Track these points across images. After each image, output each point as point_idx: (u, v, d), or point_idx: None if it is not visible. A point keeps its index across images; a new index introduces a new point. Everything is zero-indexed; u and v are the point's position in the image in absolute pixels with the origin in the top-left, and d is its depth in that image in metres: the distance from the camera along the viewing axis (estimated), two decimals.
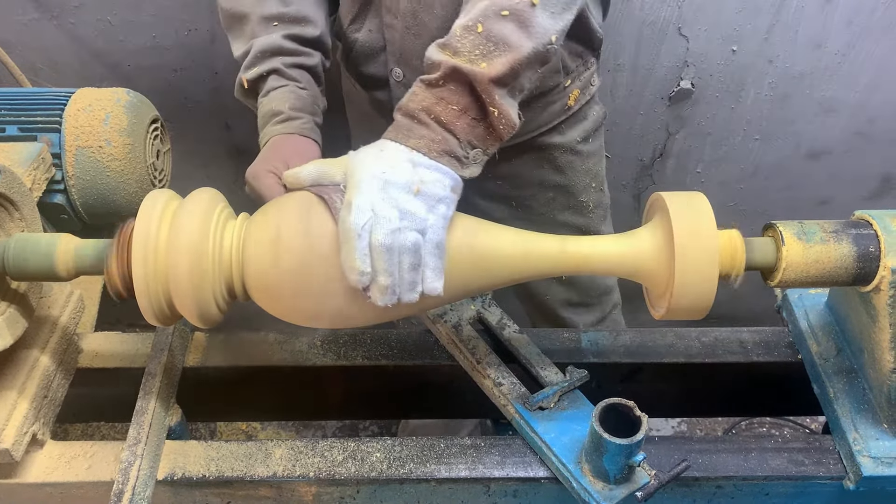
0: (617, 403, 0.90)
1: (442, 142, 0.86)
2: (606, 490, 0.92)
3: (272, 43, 1.15)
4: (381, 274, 0.81)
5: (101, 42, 1.67)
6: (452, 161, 0.87)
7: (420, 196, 0.83)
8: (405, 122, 0.88)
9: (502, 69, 0.86)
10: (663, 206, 0.89)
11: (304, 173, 0.89)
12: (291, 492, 1.01)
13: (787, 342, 1.17)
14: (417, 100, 0.88)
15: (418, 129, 0.87)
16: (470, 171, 0.89)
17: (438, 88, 0.88)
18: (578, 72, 1.32)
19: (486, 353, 1.10)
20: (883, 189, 1.99)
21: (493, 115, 0.88)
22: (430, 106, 0.87)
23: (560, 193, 1.41)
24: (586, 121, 1.38)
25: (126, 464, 0.95)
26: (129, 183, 1.20)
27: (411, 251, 0.81)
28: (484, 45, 0.87)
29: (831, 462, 1.00)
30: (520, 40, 0.88)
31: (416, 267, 0.82)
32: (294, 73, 1.16)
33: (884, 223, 0.91)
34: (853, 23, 1.64)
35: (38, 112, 1.18)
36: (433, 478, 0.99)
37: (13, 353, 1.00)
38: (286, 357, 1.16)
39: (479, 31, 0.87)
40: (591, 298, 1.53)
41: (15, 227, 0.96)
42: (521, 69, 0.89)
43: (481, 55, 0.87)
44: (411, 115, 0.88)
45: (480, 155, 0.90)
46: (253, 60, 1.16)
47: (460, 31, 0.88)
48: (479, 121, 0.89)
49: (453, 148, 0.87)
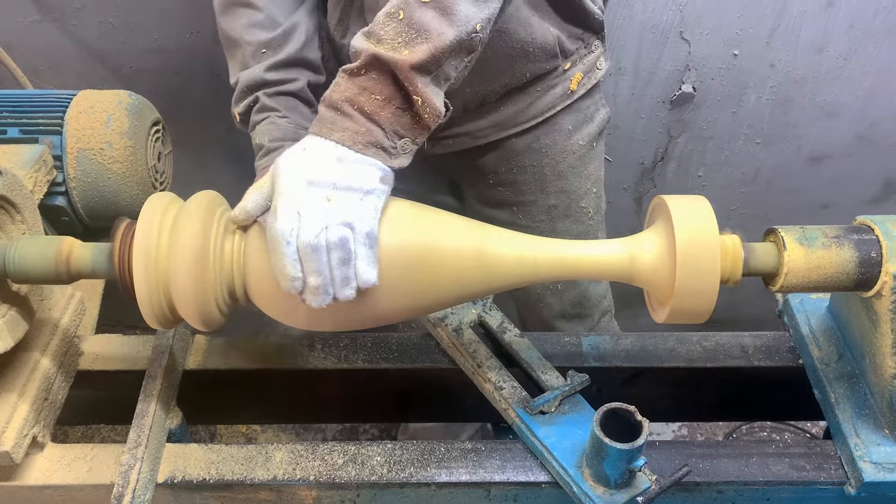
0: (618, 408, 0.90)
1: (366, 133, 0.85)
2: (607, 495, 0.92)
3: (255, 77, 1.15)
4: (311, 275, 0.81)
5: (102, 44, 1.68)
6: (379, 152, 0.85)
7: (346, 190, 0.82)
8: (328, 115, 0.86)
9: (423, 56, 0.84)
10: (665, 210, 0.89)
11: (249, 205, 0.88)
12: (292, 495, 1.01)
13: (789, 347, 1.17)
14: (340, 90, 0.86)
15: (342, 122, 0.85)
16: (399, 162, 0.87)
17: (361, 77, 0.86)
18: (580, 54, 1.30)
19: (487, 357, 1.10)
20: (885, 193, 1.99)
21: (418, 104, 0.86)
22: (353, 96, 0.85)
23: (561, 200, 1.40)
24: (592, 123, 1.37)
25: (126, 467, 0.95)
26: (131, 185, 1.20)
27: (339, 246, 0.80)
28: (406, 33, 0.85)
29: (832, 467, 1.00)
30: (441, 27, 0.85)
31: (347, 262, 0.81)
32: (271, 103, 1.15)
33: (885, 228, 0.91)
34: (855, 27, 1.64)
35: (40, 114, 1.18)
36: (433, 482, 0.99)
37: (14, 356, 0.99)
38: (287, 360, 1.16)
39: (400, 17, 0.85)
40: (585, 309, 1.53)
41: (16, 230, 0.96)
42: (444, 57, 0.86)
43: (404, 43, 0.85)
44: (334, 107, 0.86)
45: (409, 144, 0.88)
46: (239, 95, 1.17)
47: (383, 19, 0.86)
48: (404, 110, 0.86)
49: (379, 139, 0.85)
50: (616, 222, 2.02)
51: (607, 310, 1.60)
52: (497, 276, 0.91)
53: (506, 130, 1.32)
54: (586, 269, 0.92)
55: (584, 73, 1.32)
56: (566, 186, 1.39)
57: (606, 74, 1.38)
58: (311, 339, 1.18)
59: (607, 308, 1.60)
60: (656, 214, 0.94)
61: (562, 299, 1.50)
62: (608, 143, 1.85)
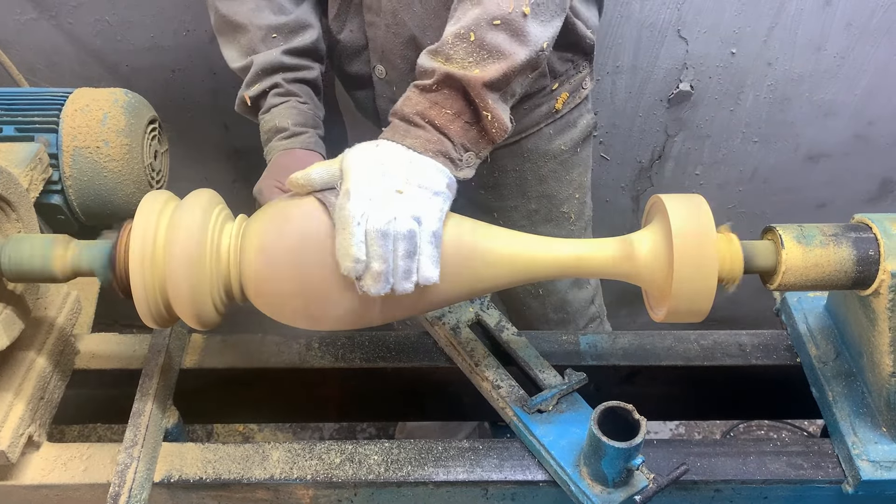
0: (615, 406, 0.90)
1: (437, 142, 0.88)
2: (605, 494, 0.92)
3: (273, 60, 1.16)
4: (375, 260, 0.80)
5: (99, 42, 1.67)
6: (447, 162, 0.89)
7: (417, 186, 0.84)
8: (401, 125, 0.89)
9: (495, 74, 0.89)
10: (662, 209, 0.89)
11: (314, 176, 0.87)
12: (289, 494, 1.00)
13: (786, 345, 1.17)
14: (412, 104, 0.90)
15: (414, 131, 0.88)
16: (463, 174, 0.91)
17: (433, 93, 0.90)
18: (568, 75, 1.31)
19: (485, 356, 1.10)
20: (882, 192, 1.99)
21: (486, 119, 0.90)
22: (424, 110, 0.89)
23: (542, 205, 1.40)
24: (575, 129, 1.37)
25: (122, 466, 0.95)
26: (127, 184, 1.19)
27: (407, 238, 0.81)
28: (477, 53, 0.89)
29: (830, 466, 1.00)
30: (512, 48, 0.90)
31: (412, 255, 0.82)
32: (294, 88, 1.17)
33: (883, 227, 0.91)
34: (852, 25, 1.64)
35: (36, 112, 1.18)
36: (431, 481, 0.99)
37: (9, 355, 0.99)
38: (284, 359, 1.16)
39: (471, 39, 0.90)
40: (567, 315, 1.53)
41: (11, 228, 0.96)
42: (514, 76, 0.91)
43: (475, 62, 0.89)
44: (406, 119, 0.89)
45: (473, 158, 0.92)
46: (254, 78, 1.17)
47: (452, 39, 0.90)
48: (472, 124, 0.91)
49: (448, 150, 0.89)
50: (613, 221, 2.03)
51: (595, 316, 1.59)
52: (495, 275, 0.91)
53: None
54: (585, 267, 0.92)
55: (569, 92, 1.34)
56: (547, 191, 1.39)
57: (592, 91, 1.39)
58: (308, 338, 1.18)
59: (595, 314, 1.59)
60: (654, 213, 0.94)
61: (543, 304, 1.50)
62: (606, 141, 1.85)
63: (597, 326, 1.60)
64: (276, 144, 1.13)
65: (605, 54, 1.68)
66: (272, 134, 1.14)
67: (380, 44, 1.22)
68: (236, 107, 1.21)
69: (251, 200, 1.12)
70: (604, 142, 1.86)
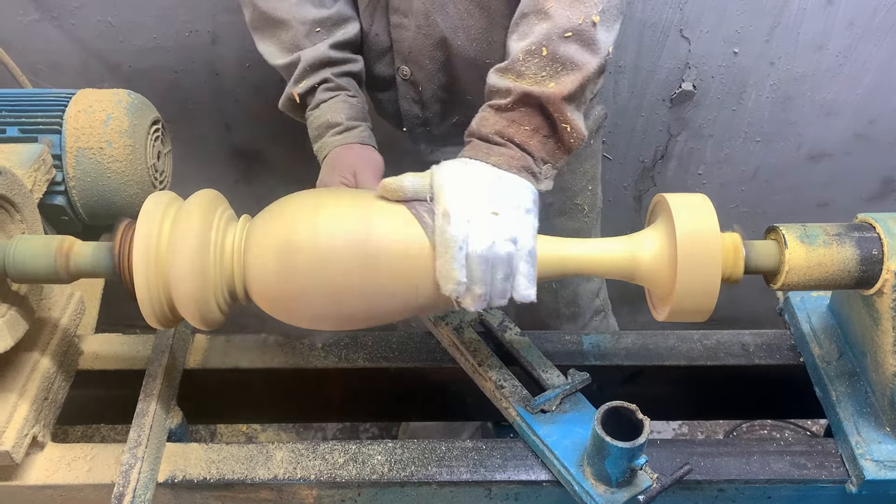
0: (619, 406, 0.90)
1: (521, 158, 0.91)
2: (609, 493, 0.92)
3: (320, 55, 1.15)
4: (476, 284, 0.84)
5: (101, 43, 1.67)
6: (530, 177, 0.91)
7: (512, 207, 0.86)
8: (482, 145, 0.92)
9: (573, 87, 0.91)
10: (666, 208, 0.89)
11: (406, 184, 0.88)
12: (292, 494, 1.00)
13: (790, 345, 1.17)
14: (489, 124, 0.93)
15: (497, 149, 0.91)
16: (543, 186, 0.94)
17: (510, 112, 0.92)
18: None
19: (488, 356, 1.10)
20: (884, 191, 1.99)
21: (565, 131, 0.93)
22: (502, 129, 0.92)
23: (557, 198, 1.40)
24: (587, 120, 1.38)
25: (127, 466, 0.95)
26: (130, 184, 1.19)
27: (505, 262, 0.84)
28: (550, 67, 0.91)
29: (834, 465, 1.00)
30: (585, 58, 0.92)
31: (509, 277, 0.85)
32: (342, 82, 1.17)
33: (887, 226, 0.91)
34: (854, 25, 1.64)
35: (39, 113, 1.18)
36: (434, 481, 0.99)
37: (14, 355, 0.99)
38: (287, 359, 1.16)
39: (543, 54, 0.91)
40: (578, 308, 1.53)
41: (16, 229, 0.96)
42: (588, 84, 0.93)
43: (548, 76, 0.91)
44: (486, 139, 0.92)
45: (551, 170, 0.95)
46: (302, 73, 1.16)
47: (523, 56, 0.92)
48: (549, 137, 0.93)
49: (530, 165, 0.92)
50: (616, 221, 2.03)
51: (600, 309, 1.59)
52: None
53: None
54: (588, 266, 0.92)
55: None
56: (562, 183, 1.39)
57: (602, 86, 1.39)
58: (311, 339, 1.18)
59: (600, 307, 1.59)
60: (657, 212, 0.94)
61: (556, 297, 1.50)
62: (609, 140, 1.85)
63: (602, 320, 1.60)
64: (331, 140, 1.13)
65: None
66: (324, 129, 1.14)
67: (407, 45, 1.21)
68: (280, 105, 1.20)
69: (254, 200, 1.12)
70: (606, 141, 1.86)
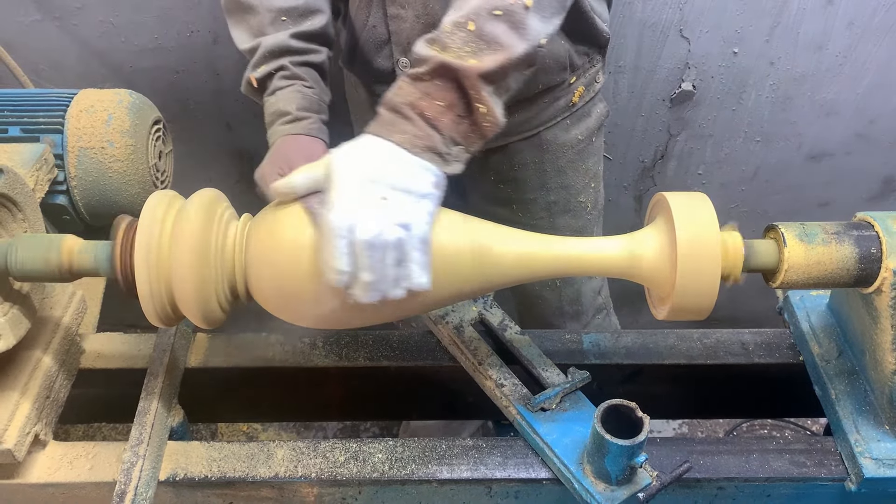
0: (619, 404, 0.90)
1: (425, 138, 0.86)
2: (608, 491, 0.92)
3: (280, 43, 1.14)
4: (363, 271, 0.82)
5: (103, 43, 1.68)
6: (435, 157, 0.87)
7: (403, 192, 0.83)
8: (389, 117, 0.88)
9: (493, 66, 0.87)
10: (666, 207, 0.89)
11: (297, 182, 0.88)
12: (293, 493, 1.01)
13: (789, 344, 1.17)
14: (403, 94, 0.88)
15: (402, 124, 0.87)
16: (452, 168, 0.89)
17: (424, 83, 0.87)
18: (584, 69, 1.33)
19: (488, 355, 1.10)
20: (884, 191, 1.99)
21: (479, 112, 0.88)
22: (415, 101, 0.87)
23: (561, 196, 1.41)
24: (590, 118, 1.39)
25: (128, 464, 0.95)
26: (132, 184, 1.20)
27: (395, 247, 0.81)
28: (475, 43, 0.87)
29: (833, 464, 1.00)
30: (511, 41, 0.88)
31: (401, 262, 0.82)
32: (300, 72, 1.15)
33: (885, 225, 0.92)
34: (854, 24, 1.64)
35: (41, 113, 1.18)
36: (435, 479, 0.99)
37: (16, 354, 1.00)
38: (288, 358, 1.16)
39: (470, 28, 0.87)
40: (581, 306, 1.53)
41: (18, 228, 0.97)
42: (511, 69, 0.89)
43: (471, 52, 0.87)
44: (395, 110, 0.88)
45: (463, 153, 0.90)
46: (261, 59, 1.15)
47: (450, 27, 0.88)
48: (463, 118, 0.88)
49: (436, 144, 0.87)
50: (616, 220, 2.03)
51: (602, 307, 1.60)
52: (498, 274, 0.92)
53: (509, 137, 1.34)
54: (587, 265, 0.92)
55: (585, 86, 1.35)
56: (566, 182, 1.40)
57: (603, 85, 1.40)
58: (312, 337, 1.18)
59: (602, 305, 1.60)
60: (657, 211, 0.94)
61: (560, 296, 1.50)
62: (608, 140, 1.85)
63: (604, 318, 1.60)
64: (279, 129, 1.12)
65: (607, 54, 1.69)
66: (275, 117, 1.13)
67: (405, 36, 1.21)
68: (242, 87, 1.20)
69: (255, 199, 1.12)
70: (607, 141, 1.86)
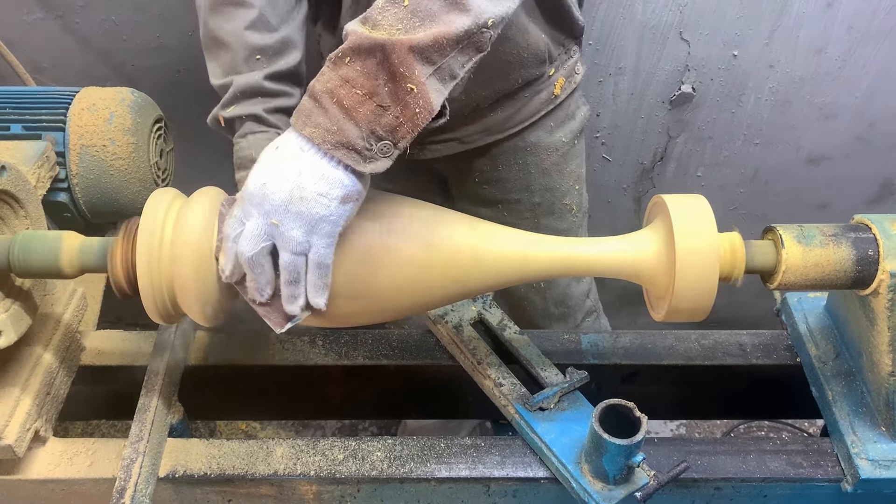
0: (617, 404, 0.91)
1: (337, 133, 0.78)
2: (606, 490, 0.93)
3: (253, 83, 1.10)
4: (249, 280, 0.85)
5: (105, 42, 1.68)
6: (350, 154, 0.79)
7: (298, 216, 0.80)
8: (307, 106, 0.81)
9: (425, 39, 0.77)
10: (664, 208, 0.90)
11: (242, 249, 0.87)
12: (292, 490, 1.01)
13: (786, 345, 1.18)
14: (323, 80, 0.80)
15: (316, 116, 0.79)
16: (373, 167, 0.80)
17: (346, 67, 0.78)
18: (561, 60, 1.32)
19: (487, 354, 1.11)
20: (882, 194, 1.99)
21: (411, 93, 0.78)
22: (333, 88, 0.79)
23: (545, 198, 1.41)
24: (574, 120, 1.39)
25: (128, 461, 0.96)
26: (133, 182, 1.20)
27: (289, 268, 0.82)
28: (409, 20, 0.78)
29: (829, 465, 1.00)
30: (449, 17, 0.79)
31: (296, 282, 0.83)
32: (274, 119, 1.12)
33: (883, 227, 0.92)
34: (853, 28, 1.65)
35: (43, 111, 1.19)
36: (433, 477, 1.00)
37: (17, 350, 1.00)
38: (287, 356, 1.17)
39: (404, 4, 0.79)
40: (568, 308, 1.54)
41: (20, 225, 0.97)
42: (449, 47, 0.79)
43: (404, 30, 0.78)
44: (314, 98, 0.80)
45: (390, 148, 0.80)
46: (231, 99, 1.12)
47: (383, 3, 0.80)
48: (386, 108, 0.78)
49: (351, 140, 0.78)
50: (615, 222, 2.03)
51: (592, 310, 1.60)
52: (497, 274, 0.92)
53: (493, 135, 1.33)
54: (586, 266, 0.93)
55: (565, 77, 1.34)
56: (550, 184, 1.40)
57: (584, 77, 1.40)
58: (311, 336, 1.19)
59: (591, 308, 1.60)
60: (655, 212, 0.95)
61: (545, 297, 1.51)
62: (608, 142, 1.86)
63: (594, 320, 1.60)
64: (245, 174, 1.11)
65: (607, 56, 1.69)
66: (248, 163, 1.11)
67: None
68: (209, 121, 1.17)
69: None
70: (606, 143, 1.87)
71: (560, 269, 0.93)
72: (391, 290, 0.88)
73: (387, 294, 0.88)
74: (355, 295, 0.87)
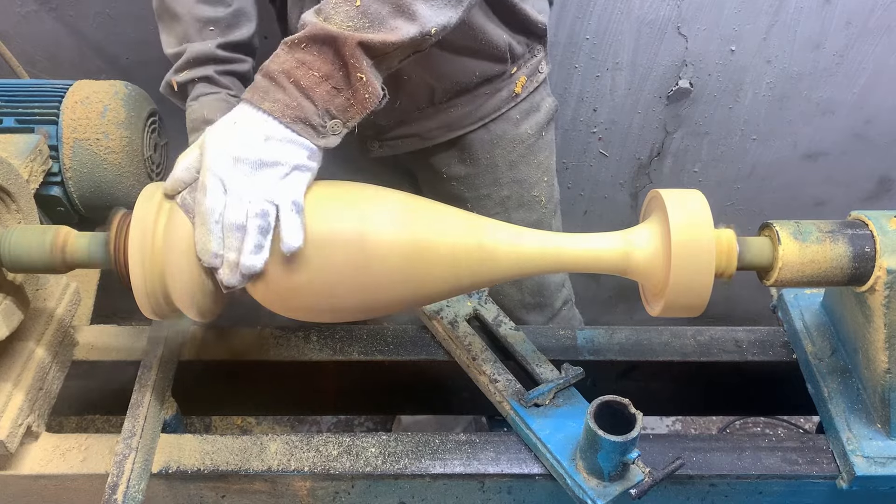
0: (612, 401, 0.90)
1: (297, 108, 0.85)
2: (601, 487, 0.93)
3: (206, 51, 1.14)
4: (230, 251, 0.83)
5: (99, 34, 1.67)
6: (307, 129, 0.86)
7: (272, 166, 0.83)
8: (263, 84, 0.86)
9: (373, 41, 0.85)
10: (660, 204, 0.89)
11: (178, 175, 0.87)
12: (286, 486, 1.01)
13: (783, 342, 1.18)
14: (279, 61, 0.86)
15: (274, 92, 0.85)
16: (326, 142, 0.87)
17: (302, 51, 0.85)
18: (525, 59, 1.33)
19: (482, 350, 1.10)
20: (879, 190, 1.99)
21: (360, 82, 0.86)
22: (290, 69, 0.85)
23: (514, 190, 1.41)
24: (539, 112, 1.39)
25: (121, 456, 0.95)
26: (126, 176, 1.20)
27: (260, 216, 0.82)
28: (359, 20, 0.86)
29: (825, 461, 1.00)
30: (396, 23, 0.87)
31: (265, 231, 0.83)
32: (225, 81, 1.15)
33: (879, 224, 0.92)
34: (851, 24, 1.64)
35: (36, 104, 1.18)
36: (428, 473, 0.99)
37: (9, 345, 1.00)
38: (282, 352, 1.16)
39: (356, 4, 0.86)
40: (544, 298, 1.54)
41: (12, 219, 0.96)
42: (393, 50, 0.87)
43: (353, 28, 0.85)
44: (270, 77, 0.86)
45: (340, 126, 0.88)
46: (184, 65, 1.15)
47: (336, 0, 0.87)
48: (339, 90, 0.86)
49: (309, 116, 0.85)
50: (612, 218, 2.03)
51: (567, 298, 1.60)
52: (491, 270, 0.92)
53: (455, 131, 1.33)
54: (582, 262, 0.92)
55: (527, 76, 1.34)
56: (518, 176, 1.40)
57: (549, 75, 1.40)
58: (306, 331, 1.18)
59: (567, 297, 1.60)
60: (652, 208, 0.94)
61: (521, 289, 1.51)
62: (604, 138, 1.85)
63: (569, 309, 1.60)
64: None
65: (604, 51, 1.69)
66: (200, 124, 1.13)
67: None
68: (161, 88, 1.20)
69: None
70: (603, 138, 1.86)
71: (556, 265, 0.93)
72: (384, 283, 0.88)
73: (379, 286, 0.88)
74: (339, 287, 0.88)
